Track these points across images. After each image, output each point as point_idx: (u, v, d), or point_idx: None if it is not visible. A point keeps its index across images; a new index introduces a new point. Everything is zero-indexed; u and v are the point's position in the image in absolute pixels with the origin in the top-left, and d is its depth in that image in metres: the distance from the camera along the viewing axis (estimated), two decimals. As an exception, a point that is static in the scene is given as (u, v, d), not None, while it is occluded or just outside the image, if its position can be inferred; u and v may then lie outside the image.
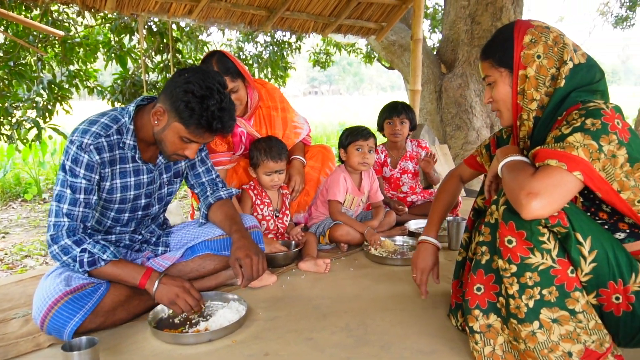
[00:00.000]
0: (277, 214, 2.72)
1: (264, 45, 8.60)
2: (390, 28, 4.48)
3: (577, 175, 1.27)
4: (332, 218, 2.76)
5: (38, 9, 5.32)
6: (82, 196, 1.77)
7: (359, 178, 2.88)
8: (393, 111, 3.34)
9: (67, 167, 1.77)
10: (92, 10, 3.32)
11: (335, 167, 2.91)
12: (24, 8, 5.15)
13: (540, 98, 1.51)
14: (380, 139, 3.39)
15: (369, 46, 10.20)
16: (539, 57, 1.49)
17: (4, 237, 5.33)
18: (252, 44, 8.69)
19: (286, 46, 8.64)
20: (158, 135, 1.83)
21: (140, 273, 1.80)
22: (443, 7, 6.03)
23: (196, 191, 2.22)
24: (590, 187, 1.30)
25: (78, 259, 1.74)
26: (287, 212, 2.75)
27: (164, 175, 2.06)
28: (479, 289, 1.51)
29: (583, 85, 1.46)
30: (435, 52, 5.92)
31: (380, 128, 3.45)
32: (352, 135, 2.80)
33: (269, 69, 8.40)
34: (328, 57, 10.31)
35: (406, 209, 3.14)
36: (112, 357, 1.66)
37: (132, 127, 1.86)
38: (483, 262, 1.50)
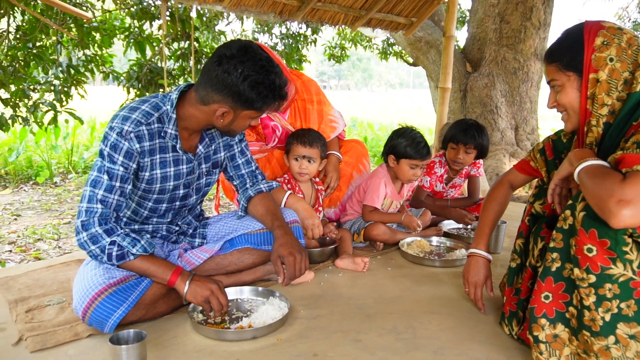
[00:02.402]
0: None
1: (279, 37, 8.52)
2: (420, 24, 4.39)
3: None
4: (364, 220, 2.69)
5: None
6: (118, 184, 1.71)
7: (401, 183, 2.80)
8: (461, 136, 2.96)
9: (105, 153, 1.70)
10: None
11: (377, 168, 2.79)
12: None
13: (611, 103, 1.43)
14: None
15: (385, 42, 10.12)
16: (611, 60, 1.42)
17: (16, 219, 5.28)
18: (267, 35, 8.62)
19: (301, 39, 8.55)
20: (226, 128, 1.81)
21: (170, 270, 1.72)
22: (470, 5, 5.94)
23: (235, 183, 2.15)
24: None
25: (107, 251, 1.66)
26: (321, 208, 2.69)
27: (203, 166, 1.99)
28: (546, 297, 1.44)
29: None
30: (460, 51, 5.84)
31: (444, 144, 3.12)
32: (412, 151, 2.61)
33: (284, 61, 8.31)
34: (343, 52, 10.22)
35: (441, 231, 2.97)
36: (155, 351, 1.60)
37: (174, 115, 1.79)
38: (553, 269, 1.43)
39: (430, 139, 11.03)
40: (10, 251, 4.29)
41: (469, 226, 3.07)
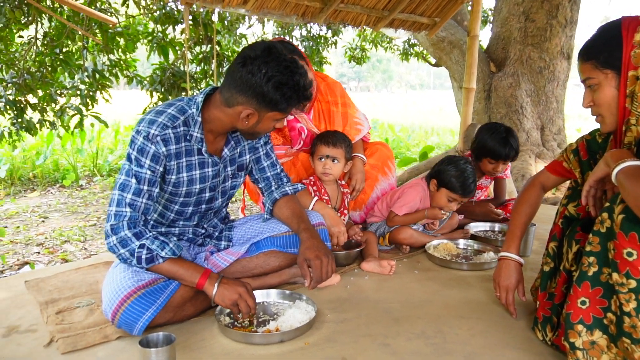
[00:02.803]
0: (336, 212, 2.63)
1: (300, 39, 8.53)
2: (443, 24, 4.35)
3: None
4: (388, 225, 2.65)
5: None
6: (145, 187, 1.71)
7: None
8: (502, 151, 2.79)
9: (132, 157, 1.71)
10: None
11: (418, 180, 2.72)
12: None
13: (653, 101, 1.39)
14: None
15: (406, 43, 10.06)
16: (652, 56, 1.37)
17: (43, 221, 5.38)
18: (288, 37, 8.63)
19: (322, 41, 8.55)
20: (250, 130, 1.80)
21: (199, 273, 1.72)
22: (494, 4, 5.85)
23: (260, 185, 2.15)
24: None
25: (136, 254, 1.67)
26: (346, 211, 2.67)
27: (229, 168, 1.99)
28: (583, 303, 1.40)
29: None
30: (484, 50, 5.76)
31: (477, 154, 2.92)
32: (457, 183, 2.51)
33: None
34: (364, 53, 10.19)
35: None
36: (183, 354, 1.60)
37: (199, 119, 1.79)
38: (590, 273, 1.39)
39: (453, 141, 10.92)
40: (39, 252, 4.37)
41: (496, 227, 3.01)
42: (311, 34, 8.39)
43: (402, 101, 29.02)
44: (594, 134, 1.73)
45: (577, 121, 15.14)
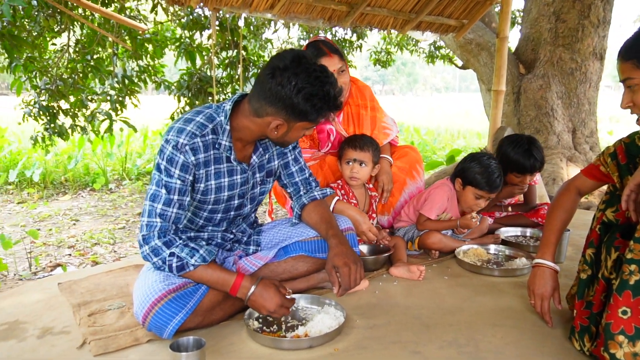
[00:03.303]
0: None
1: (325, 43, 8.52)
2: (471, 26, 4.28)
3: None
4: (418, 229, 2.62)
5: (112, 5, 5.45)
6: (176, 197, 1.72)
7: None
8: (526, 166, 2.70)
9: (162, 167, 1.71)
10: (177, 3, 3.32)
11: (445, 180, 2.68)
12: (99, 4, 5.29)
13: (696, 101, 1.33)
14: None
15: (432, 46, 9.98)
16: (695, 54, 1.32)
17: (74, 224, 5.50)
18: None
19: (347, 45, 8.54)
20: (280, 139, 1.80)
21: (232, 280, 1.71)
22: (523, 5, 5.76)
23: (289, 190, 2.14)
24: None
25: (167, 262, 1.69)
26: (374, 215, 2.64)
27: (257, 175, 1.99)
28: (624, 312, 1.35)
29: None
30: (512, 52, 5.66)
31: (503, 165, 2.70)
32: (482, 180, 2.46)
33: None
34: (389, 56, 10.14)
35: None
36: (212, 359, 1.60)
37: (228, 127, 1.78)
38: (631, 282, 1.34)
39: (480, 143, 10.75)
40: (70, 255, 4.46)
41: (527, 233, 2.94)
42: (336, 38, 8.39)
43: (427, 104, 28.79)
44: (633, 137, 1.67)
45: (608, 124, 14.75)
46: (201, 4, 3.35)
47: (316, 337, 1.68)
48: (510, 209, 3.09)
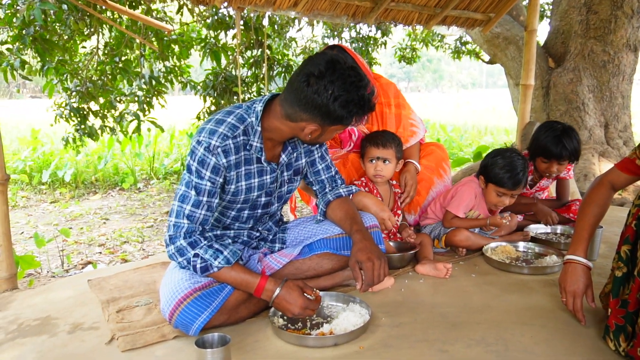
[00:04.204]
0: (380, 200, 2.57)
1: (349, 40, 8.50)
2: (498, 19, 4.19)
3: None
4: (444, 226, 2.57)
5: (140, 7, 5.54)
6: (205, 198, 1.72)
7: None
8: (553, 151, 2.65)
9: (193, 169, 1.72)
10: (201, 3, 3.35)
11: (472, 177, 2.62)
12: (127, 6, 5.38)
13: None
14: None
15: (457, 41, 9.83)
16: None
17: (104, 223, 5.61)
18: (337, 39, 8.62)
19: (371, 42, 8.48)
20: (312, 142, 1.82)
21: (255, 282, 1.71)
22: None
23: (315, 188, 2.13)
24: None
25: (192, 262, 1.70)
26: (399, 211, 2.61)
27: (285, 174, 1.98)
28: (662, 311, 1.29)
29: None
30: (541, 46, 5.53)
31: (532, 152, 2.81)
32: (503, 176, 2.39)
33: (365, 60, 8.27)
34: (414, 53, 10.04)
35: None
36: (238, 355, 1.61)
37: (259, 128, 1.78)
38: (670, 280, 1.28)
39: (508, 140, 10.55)
40: (100, 253, 4.56)
41: (558, 230, 2.87)
42: (361, 35, 8.34)
43: (453, 101, 28.39)
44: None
45: (643, 118, 14.28)
46: (225, 3, 3.36)
47: (341, 335, 1.67)
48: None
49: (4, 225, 2.26)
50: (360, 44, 8.39)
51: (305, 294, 1.72)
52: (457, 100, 28.56)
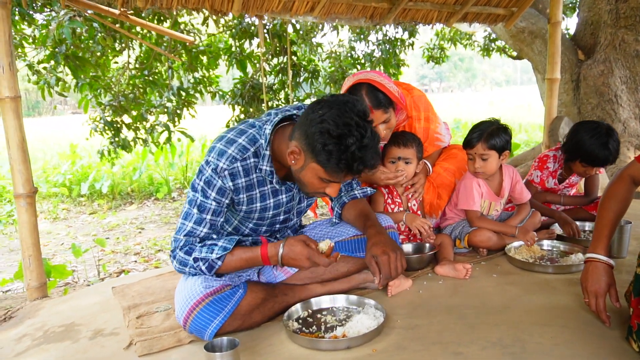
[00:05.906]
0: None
1: (376, 43, 8.46)
2: (521, 13, 4.09)
3: None
4: (470, 226, 2.52)
5: (167, 21, 5.68)
6: (209, 217, 1.74)
7: (499, 178, 2.58)
8: (600, 154, 2.59)
9: (199, 188, 1.74)
10: (220, 13, 3.41)
11: (466, 174, 2.59)
12: (155, 21, 5.54)
13: None
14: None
15: (486, 39, 9.64)
16: None
17: (140, 232, 5.76)
18: (364, 42, 8.60)
19: (398, 43, 8.41)
20: (296, 175, 1.71)
21: (258, 253, 1.74)
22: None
23: None
24: None
25: (196, 267, 1.73)
26: (419, 212, 2.58)
27: None
28: (682, 309, 1.23)
29: None
30: (570, 38, 5.36)
31: (571, 154, 2.73)
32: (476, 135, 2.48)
33: (381, 67, 8.23)
34: (442, 52, 9.90)
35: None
36: (251, 359, 1.62)
37: (268, 152, 1.75)
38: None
39: (542, 137, 10.24)
40: (135, 261, 4.68)
41: (586, 227, 2.77)
42: (387, 37, 8.30)
43: (487, 99, 27.84)
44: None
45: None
46: (243, 11, 3.41)
47: (354, 338, 1.66)
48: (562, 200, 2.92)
49: (32, 236, 2.35)
50: (387, 46, 8.35)
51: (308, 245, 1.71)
52: (491, 98, 28.01)
